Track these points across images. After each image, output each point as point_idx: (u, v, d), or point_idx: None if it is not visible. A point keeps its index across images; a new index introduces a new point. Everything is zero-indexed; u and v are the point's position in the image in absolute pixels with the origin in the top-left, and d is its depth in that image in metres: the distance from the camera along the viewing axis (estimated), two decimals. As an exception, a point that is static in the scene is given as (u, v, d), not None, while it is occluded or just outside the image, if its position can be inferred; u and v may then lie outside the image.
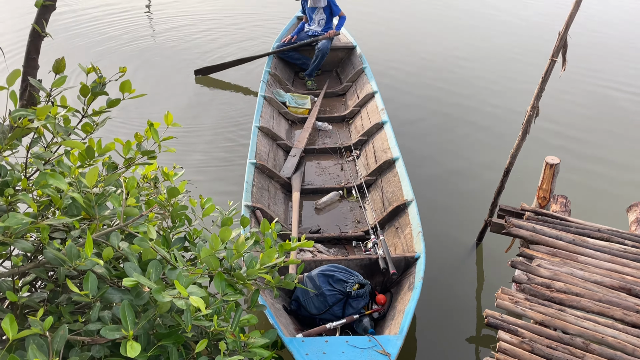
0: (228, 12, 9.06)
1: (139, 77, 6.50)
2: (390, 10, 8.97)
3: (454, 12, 8.93)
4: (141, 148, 1.91)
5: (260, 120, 4.72)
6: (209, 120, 5.65)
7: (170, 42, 7.74)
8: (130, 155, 1.88)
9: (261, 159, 4.22)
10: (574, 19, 2.62)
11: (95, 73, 1.65)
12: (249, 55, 6.43)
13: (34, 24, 1.79)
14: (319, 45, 6.00)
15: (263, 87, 5.37)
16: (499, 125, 5.61)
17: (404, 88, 6.42)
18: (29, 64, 1.84)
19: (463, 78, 6.66)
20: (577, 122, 5.67)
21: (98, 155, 1.74)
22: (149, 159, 1.94)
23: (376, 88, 5.34)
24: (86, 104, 1.62)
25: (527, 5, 9.22)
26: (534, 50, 7.22)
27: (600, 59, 7.11)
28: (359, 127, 5.09)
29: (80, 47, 7.44)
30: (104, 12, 8.81)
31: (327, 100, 5.84)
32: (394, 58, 7.18)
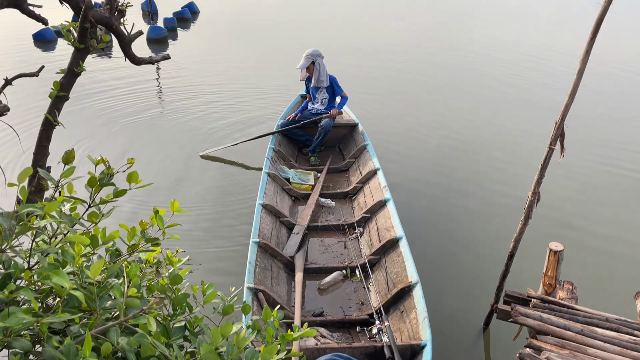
0: (234, 86, 9.37)
1: (145, 154, 6.61)
2: (392, 90, 9.26)
3: (456, 90, 9.21)
4: (145, 235, 1.89)
5: (264, 197, 4.74)
6: (212, 197, 5.66)
7: (178, 115, 7.95)
8: (134, 242, 1.87)
9: (264, 237, 4.20)
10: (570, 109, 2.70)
11: (104, 164, 1.67)
12: (255, 135, 6.57)
13: (47, 114, 1.83)
14: (322, 124, 6.14)
15: (267, 164, 5.44)
16: (502, 204, 5.61)
17: (406, 166, 6.49)
18: (40, 151, 1.87)
19: (465, 156, 6.75)
20: (581, 204, 5.67)
21: (102, 244, 1.72)
22: (152, 246, 1.92)
23: (378, 165, 5.41)
24: (93, 194, 1.62)
25: (531, 77, 9.54)
26: (539, 125, 7.38)
27: (600, 135, 7.23)
28: (362, 203, 5.10)
29: (89, 118, 7.63)
30: (111, 87, 9.11)
31: (330, 176, 5.89)
32: (396, 136, 7.32)
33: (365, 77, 9.99)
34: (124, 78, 9.51)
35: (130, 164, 1.68)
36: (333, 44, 12.58)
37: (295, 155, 6.42)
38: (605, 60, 10.58)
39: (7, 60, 10.84)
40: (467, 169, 6.42)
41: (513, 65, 10.82)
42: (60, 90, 1.89)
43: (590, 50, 2.45)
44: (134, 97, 8.72)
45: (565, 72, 10.07)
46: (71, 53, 2.21)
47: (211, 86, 9.39)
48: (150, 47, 12.45)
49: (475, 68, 10.76)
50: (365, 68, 10.62)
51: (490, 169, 6.43)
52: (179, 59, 11.01)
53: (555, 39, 12.87)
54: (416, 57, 11.60)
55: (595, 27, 2.39)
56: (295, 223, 4.72)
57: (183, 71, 10.26)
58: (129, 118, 7.84)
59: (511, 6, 18.02)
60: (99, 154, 3.58)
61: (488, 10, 17.61)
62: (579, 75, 2.55)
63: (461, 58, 11.52)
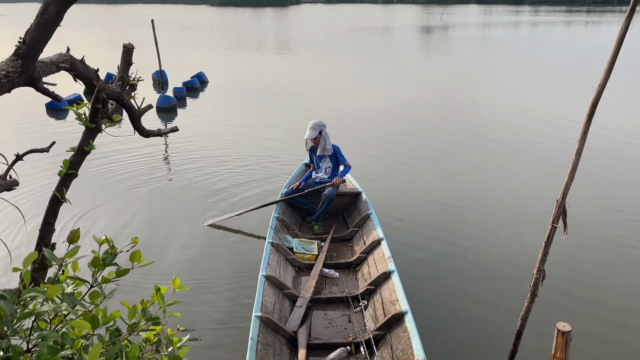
0: (240, 153, 9.54)
1: (150, 221, 6.64)
2: (395, 156, 9.38)
3: (459, 156, 9.32)
4: (146, 313, 1.87)
5: (267, 268, 4.70)
6: (214, 268, 5.61)
7: (183, 181, 8.06)
8: (135, 321, 1.85)
9: (267, 311, 4.12)
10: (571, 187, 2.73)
11: (108, 244, 1.68)
12: (260, 203, 6.61)
13: (55, 191, 1.87)
14: (326, 192, 6.19)
15: (271, 233, 5.44)
16: (510, 275, 5.52)
17: (410, 234, 6.46)
18: (45, 228, 1.89)
19: (470, 224, 6.72)
20: (589, 277, 5.56)
21: (102, 324, 1.71)
22: (153, 325, 1.90)
23: (382, 235, 5.39)
24: (96, 273, 1.63)
25: (536, 142, 9.65)
26: (544, 195, 7.39)
27: (603, 208, 7.22)
28: (366, 275, 5.05)
29: (94, 183, 7.72)
30: (117, 151, 9.28)
31: (333, 245, 5.87)
32: (400, 203, 7.34)
33: (368, 143, 10.16)
34: (131, 144, 9.70)
35: (134, 243, 1.70)
36: (336, 110, 12.91)
37: (299, 224, 6.43)
38: (608, 127, 10.76)
39: (20, 129, 11.14)
40: (473, 237, 6.37)
41: (518, 130, 10.99)
42: (70, 168, 1.94)
43: (587, 132, 2.52)
44: (140, 163, 8.87)
45: (571, 138, 10.21)
46: (83, 128, 2.29)
47: (217, 153, 9.56)
48: (159, 115, 12.80)
49: (478, 133, 10.93)
50: (367, 135, 10.82)
51: (496, 237, 6.38)
52: (186, 126, 11.28)
53: (558, 106, 13.14)
54: (418, 123, 11.82)
55: (590, 110, 2.47)
56: (299, 295, 4.65)
57: (190, 138, 10.49)
58: (134, 184, 7.94)
59: (514, 73, 18.57)
60: (103, 224, 3.59)
61: (490, 76, 18.13)
62: (577, 156, 2.60)
63: (464, 123, 11.73)
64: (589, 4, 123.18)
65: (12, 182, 2.17)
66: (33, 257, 1.24)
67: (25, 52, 2.00)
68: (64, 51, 2.39)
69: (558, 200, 2.77)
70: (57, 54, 2.39)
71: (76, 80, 2.49)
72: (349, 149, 9.05)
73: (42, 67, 2.22)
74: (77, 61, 2.40)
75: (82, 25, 51.72)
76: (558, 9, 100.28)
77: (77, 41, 31.88)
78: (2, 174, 2.13)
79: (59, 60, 2.37)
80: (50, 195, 1.91)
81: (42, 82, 2.47)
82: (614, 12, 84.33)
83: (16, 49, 2.00)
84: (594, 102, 2.47)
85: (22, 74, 2.05)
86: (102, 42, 33.80)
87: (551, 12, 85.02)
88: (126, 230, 6.37)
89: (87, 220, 6.60)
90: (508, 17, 69.96)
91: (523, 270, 5.46)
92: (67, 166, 1.94)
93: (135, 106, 2.87)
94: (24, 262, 1.23)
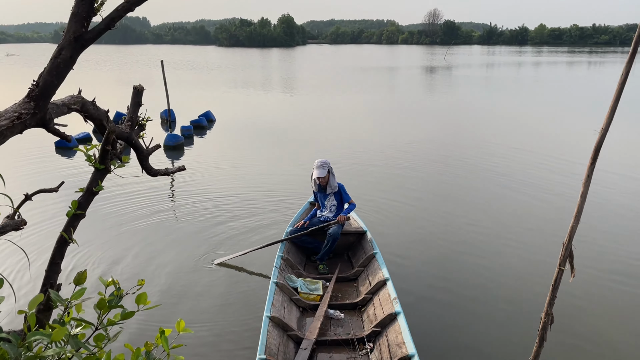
0: (245, 190, 9.58)
1: (154, 263, 6.61)
2: (401, 195, 9.38)
3: (466, 195, 9.31)
4: (150, 356, 1.86)
5: (271, 309, 4.65)
6: (218, 309, 5.55)
7: (189, 219, 8.07)
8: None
9: (271, 353, 4.06)
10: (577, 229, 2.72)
11: (114, 285, 1.69)
12: (265, 242, 6.59)
13: (62, 232, 1.89)
14: (330, 231, 6.18)
15: (275, 273, 5.40)
16: (518, 315, 5.43)
17: (416, 274, 6.39)
18: (52, 269, 1.89)
19: (477, 264, 6.65)
20: (598, 320, 5.47)
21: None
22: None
23: (388, 275, 5.34)
24: (101, 315, 1.62)
25: (544, 182, 9.64)
26: (551, 235, 7.34)
27: (611, 249, 7.15)
28: (371, 316, 4.98)
29: (100, 221, 7.73)
30: (124, 190, 9.33)
31: (338, 285, 5.81)
32: (406, 243, 7.30)
33: (373, 181, 10.19)
34: (137, 181, 9.77)
35: (141, 285, 1.70)
36: (341, 148, 13.01)
37: (303, 264, 6.39)
38: (613, 166, 10.77)
39: (29, 167, 11.26)
40: (480, 278, 6.29)
41: (524, 169, 11.00)
42: (78, 208, 1.96)
43: (591, 175, 2.53)
44: (146, 201, 8.91)
45: (577, 177, 10.21)
46: (91, 167, 2.32)
47: (223, 191, 9.60)
48: (167, 153, 12.93)
49: (484, 172, 10.94)
50: (372, 172, 10.86)
51: (503, 278, 6.29)
52: (193, 164, 11.38)
53: (564, 146, 13.20)
54: (423, 161, 11.87)
55: (593, 154, 2.49)
56: (304, 337, 4.58)
57: (196, 176, 10.57)
58: (139, 222, 7.96)
59: (518, 111, 18.74)
60: (106, 262, 3.57)
61: (494, 114, 18.29)
62: (582, 199, 2.60)
63: (470, 162, 11.76)
64: (591, 45, 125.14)
65: (20, 222, 2.19)
66: (39, 299, 1.25)
67: (38, 95, 2.05)
68: (74, 91, 2.45)
69: (564, 243, 2.75)
70: (69, 96, 2.44)
71: (86, 120, 2.55)
72: (354, 187, 9.12)
73: (54, 108, 2.27)
74: (88, 102, 2.45)
75: (93, 65, 52.93)
76: (560, 50, 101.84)
77: (88, 81, 32.58)
78: (10, 213, 2.15)
79: (71, 101, 2.42)
80: (58, 236, 1.92)
81: (54, 123, 2.52)
82: (615, 52, 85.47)
83: (29, 91, 2.05)
84: (597, 145, 2.49)
85: (34, 115, 2.09)
86: (112, 82, 34.52)
87: (553, 53, 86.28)
88: (128, 269, 6.34)
89: (90, 258, 6.59)
90: (511, 58, 71.08)
91: (531, 313, 5.37)
92: (75, 207, 1.96)
93: (143, 146, 2.91)
94: (29, 304, 1.23)
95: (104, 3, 2.11)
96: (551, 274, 2.99)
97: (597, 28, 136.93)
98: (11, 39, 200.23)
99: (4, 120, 2.02)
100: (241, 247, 6.88)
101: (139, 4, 2.18)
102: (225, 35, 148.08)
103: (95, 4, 2.05)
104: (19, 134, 2.09)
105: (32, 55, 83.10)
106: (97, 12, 2.09)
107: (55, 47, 2.01)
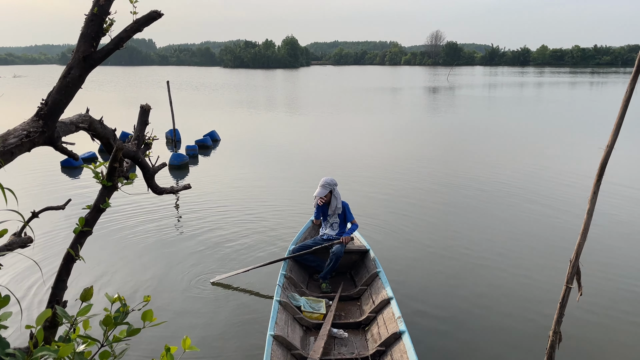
0: (249, 209, 9.60)
1: (157, 280, 6.61)
2: (404, 214, 9.36)
3: (470, 213, 9.28)
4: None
5: (275, 327, 4.62)
6: (221, 328, 5.51)
7: (193, 237, 8.06)
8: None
9: (274, 372, 4.02)
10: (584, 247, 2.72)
11: (120, 302, 1.69)
12: (267, 260, 6.58)
13: (69, 248, 1.90)
14: (334, 249, 6.16)
15: (278, 291, 5.38)
16: (526, 333, 5.37)
17: (421, 295, 6.32)
18: (58, 285, 1.90)
19: (481, 282, 6.61)
20: (606, 344, 5.40)
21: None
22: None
23: (391, 294, 5.31)
24: (107, 332, 1.62)
25: (550, 200, 9.61)
26: (559, 250, 7.30)
27: (618, 266, 7.09)
28: (375, 335, 4.93)
29: (104, 239, 7.74)
30: (127, 208, 9.34)
31: (341, 304, 5.78)
32: (409, 261, 7.27)
33: (377, 199, 10.20)
34: (141, 199, 9.79)
35: (146, 301, 1.71)
36: (345, 167, 13.03)
37: (306, 282, 6.36)
38: (621, 183, 10.73)
39: (35, 186, 11.32)
40: (486, 296, 6.23)
41: (529, 186, 10.98)
42: (85, 225, 1.97)
43: (597, 192, 2.53)
44: (150, 219, 8.92)
45: (584, 195, 10.18)
46: (96, 186, 2.34)
47: (227, 209, 9.62)
48: (171, 173, 12.99)
49: (489, 190, 10.93)
50: (376, 191, 10.87)
51: (509, 296, 6.24)
52: (197, 183, 11.41)
53: (570, 163, 13.18)
54: (427, 180, 11.87)
55: (599, 171, 2.50)
56: (307, 356, 4.54)
57: (200, 194, 10.58)
58: (144, 239, 7.97)
59: (521, 130, 18.76)
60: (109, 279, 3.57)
61: (497, 133, 18.31)
62: (588, 216, 2.60)
63: (474, 180, 11.76)
64: (593, 66, 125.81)
65: (27, 239, 2.20)
66: (47, 314, 1.25)
67: (46, 113, 2.07)
68: (81, 110, 2.48)
69: (571, 261, 2.75)
70: (77, 115, 2.47)
71: (94, 139, 2.57)
72: (357, 205, 9.12)
73: (62, 127, 2.29)
74: (96, 121, 2.49)
75: (98, 85, 53.50)
76: (562, 70, 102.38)
77: (93, 100, 32.88)
78: (17, 231, 2.17)
79: (79, 120, 2.45)
80: (65, 253, 1.93)
81: (62, 142, 2.55)
82: (618, 73, 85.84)
83: (38, 110, 2.08)
84: (603, 163, 2.50)
85: (42, 134, 2.11)
86: (118, 102, 34.85)
87: (556, 74, 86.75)
88: (129, 285, 6.33)
89: (92, 276, 6.58)
90: (513, 78, 71.48)
91: (539, 331, 5.31)
92: (82, 224, 1.97)
93: (149, 164, 2.94)
94: (37, 319, 1.24)
95: (112, 24, 2.15)
96: (558, 292, 2.98)
97: (598, 49, 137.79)
98: (19, 61, 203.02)
99: (13, 138, 2.05)
100: (244, 265, 6.87)
101: (147, 25, 2.22)
102: (230, 57, 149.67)
103: (104, 25, 2.09)
104: (28, 152, 2.12)
105: (39, 76, 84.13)
106: (105, 32, 2.14)
107: (63, 68, 2.04)
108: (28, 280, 6.42)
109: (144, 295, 1.71)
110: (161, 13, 2.19)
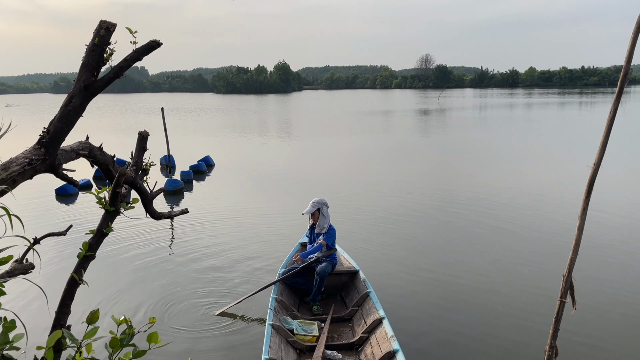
0: (243, 233, 9.61)
1: (146, 309, 6.55)
2: (394, 235, 9.40)
3: (460, 233, 9.32)
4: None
5: (269, 352, 4.60)
6: (216, 354, 5.46)
7: (187, 263, 8.04)
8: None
9: (271, 398, 4.00)
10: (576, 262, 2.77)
11: (126, 324, 1.72)
12: (259, 286, 6.55)
13: (73, 273, 1.93)
14: (318, 269, 6.19)
15: (270, 315, 5.37)
16: (523, 354, 5.38)
17: (413, 314, 6.33)
18: (62, 310, 1.93)
19: (473, 301, 6.62)
20: (602, 357, 5.42)
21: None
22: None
23: (383, 314, 5.32)
24: (112, 354, 1.65)
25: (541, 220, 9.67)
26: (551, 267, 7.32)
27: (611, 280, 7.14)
28: (369, 355, 4.93)
29: (105, 265, 7.71)
30: (123, 234, 9.32)
31: (333, 326, 5.77)
32: (400, 281, 7.29)
33: (366, 221, 10.27)
34: (134, 224, 9.78)
35: (152, 323, 1.73)
36: (336, 189, 13.11)
37: (297, 305, 6.36)
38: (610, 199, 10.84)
39: (31, 214, 11.26)
40: (479, 315, 6.25)
41: (518, 206, 11.06)
42: (89, 250, 2.01)
43: (586, 208, 2.60)
44: (142, 244, 8.91)
45: (574, 212, 10.26)
46: (95, 209, 2.38)
47: (220, 234, 9.64)
48: (167, 198, 13.00)
49: (478, 210, 11.00)
50: (366, 214, 10.92)
51: (503, 313, 6.26)
52: (192, 209, 11.36)
53: (559, 182, 13.31)
54: (417, 200, 11.95)
55: (588, 188, 2.57)
56: (304, 379, 4.53)
57: (196, 219, 10.57)
58: (138, 265, 7.95)
59: (511, 151, 18.95)
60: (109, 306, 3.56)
61: (487, 154, 18.49)
62: (579, 231, 2.67)
63: (464, 200, 11.85)
64: (581, 86, 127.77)
65: (29, 266, 2.23)
66: (57, 335, 1.28)
67: (48, 141, 2.12)
68: (80, 138, 2.54)
69: (564, 275, 2.80)
70: (77, 142, 2.52)
71: (93, 165, 2.62)
72: (347, 227, 9.21)
73: (63, 154, 2.34)
74: (96, 148, 2.54)
75: (90, 113, 53.66)
76: (551, 92, 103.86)
77: (87, 128, 32.92)
78: (19, 257, 2.20)
79: (79, 147, 2.50)
80: (68, 278, 1.97)
81: (62, 169, 2.60)
82: (605, 93, 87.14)
83: (40, 137, 2.13)
84: (591, 180, 2.58)
85: (44, 161, 2.15)
86: (111, 129, 34.94)
87: (544, 95, 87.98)
88: (129, 307, 6.29)
89: (89, 299, 6.54)
90: (503, 100, 72.39)
91: (534, 347, 5.31)
92: (86, 248, 2.01)
93: (147, 190, 2.98)
94: (48, 340, 1.27)
95: (112, 53, 2.22)
96: (553, 307, 3.02)
97: (586, 70, 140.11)
98: (11, 90, 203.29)
99: (15, 166, 2.10)
100: (240, 293, 6.85)
101: (147, 54, 2.30)
102: (223, 83, 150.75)
103: (104, 54, 2.16)
104: (29, 180, 2.16)
105: (31, 105, 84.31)
106: (106, 61, 2.20)
107: (55, 96, 2.10)
108: (31, 305, 6.39)
109: (149, 317, 1.74)
110: (160, 42, 2.27)
